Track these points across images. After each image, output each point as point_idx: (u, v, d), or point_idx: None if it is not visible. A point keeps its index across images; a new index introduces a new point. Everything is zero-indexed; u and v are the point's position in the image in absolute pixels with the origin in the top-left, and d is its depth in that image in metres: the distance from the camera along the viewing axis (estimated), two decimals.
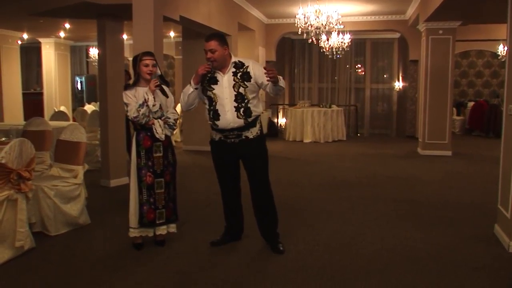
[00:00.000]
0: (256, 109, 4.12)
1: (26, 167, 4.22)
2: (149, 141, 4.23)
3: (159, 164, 4.27)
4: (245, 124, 4.08)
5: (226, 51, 4.08)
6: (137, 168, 4.25)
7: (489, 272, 3.88)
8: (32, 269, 3.92)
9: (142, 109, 4.13)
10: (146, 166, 4.23)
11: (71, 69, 15.72)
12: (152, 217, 4.26)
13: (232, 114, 4.05)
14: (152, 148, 4.25)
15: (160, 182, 4.29)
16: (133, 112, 4.14)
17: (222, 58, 4.06)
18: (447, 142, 10.25)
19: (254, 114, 4.11)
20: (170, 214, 4.38)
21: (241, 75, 4.07)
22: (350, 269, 3.91)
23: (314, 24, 9.12)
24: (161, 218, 4.31)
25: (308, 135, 12.70)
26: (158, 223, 4.31)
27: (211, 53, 4.02)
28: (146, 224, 4.28)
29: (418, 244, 4.52)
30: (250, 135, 4.13)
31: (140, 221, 4.26)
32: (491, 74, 16.22)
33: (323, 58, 15.53)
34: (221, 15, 9.42)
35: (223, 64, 4.09)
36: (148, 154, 4.24)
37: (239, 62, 4.12)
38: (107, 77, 7.03)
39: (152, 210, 4.26)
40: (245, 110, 4.05)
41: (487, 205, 5.75)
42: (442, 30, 9.97)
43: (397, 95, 15.93)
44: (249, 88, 4.07)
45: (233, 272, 3.87)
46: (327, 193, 6.67)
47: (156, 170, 4.27)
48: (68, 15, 8.68)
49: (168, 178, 4.34)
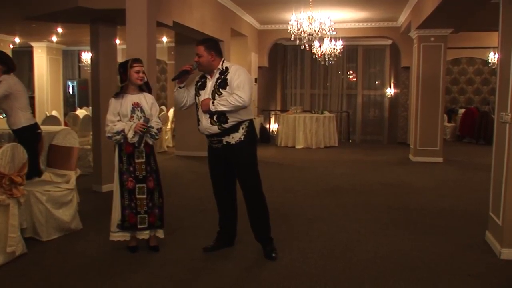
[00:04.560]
0: (235, 115, 4.07)
1: (18, 172, 4.19)
2: (130, 147, 4.26)
3: (141, 170, 4.30)
4: (221, 130, 4.08)
5: (211, 57, 4.13)
6: (119, 172, 4.29)
7: (482, 279, 3.90)
8: (24, 275, 3.88)
9: (117, 136, 4.21)
10: (128, 171, 4.27)
11: (63, 74, 15.66)
12: (133, 221, 4.29)
13: (206, 120, 4.10)
14: (134, 153, 4.28)
15: (142, 188, 4.30)
16: (108, 132, 4.25)
17: (207, 63, 4.15)
18: (439, 148, 10.29)
19: (232, 120, 4.08)
20: (154, 220, 4.36)
21: (220, 81, 4.10)
22: (344, 277, 3.91)
23: (307, 31, 9.15)
24: (143, 223, 4.32)
25: (300, 141, 12.71)
26: (140, 228, 4.31)
27: (198, 57, 4.14)
28: (128, 228, 4.30)
29: (411, 251, 4.53)
30: (232, 140, 4.13)
31: (121, 224, 4.28)
32: (482, 81, 16.36)
33: (315, 64, 15.61)
34: (214, 20, 9.43)
35: (208, 69, 4.17)
36: (129, 160, 4.27)
37: (224, 68, 4.15)
38: (100, 81, 7.01)
39: (133, 215, 4.28)
40: (219, 117, 4.06)
41: (479, 212, 5.77)
42: (433, 37, 10.04)
43: (389, 101, 16.02)
44: (223, 95, 4.05)
45: (226, 279, 3.86)
46: (320, 200, 6.68)
47: (138, 176, 4.29)
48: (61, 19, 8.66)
49: (151, 185, 4.34)
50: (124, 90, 4.32)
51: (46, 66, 14.41)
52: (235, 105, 3.98)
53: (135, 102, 4.30)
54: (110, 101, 4.33)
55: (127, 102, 4.28)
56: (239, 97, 3.97)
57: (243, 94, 3.98)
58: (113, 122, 4.25)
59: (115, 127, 4.21)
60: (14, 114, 5.48)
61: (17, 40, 12.83)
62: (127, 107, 4.27)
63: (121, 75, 4.33)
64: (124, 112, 4.26)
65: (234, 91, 4.01)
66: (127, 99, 4.29)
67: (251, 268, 4.11)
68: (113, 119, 4.26)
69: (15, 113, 5.47)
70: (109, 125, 4.25)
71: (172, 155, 10.88)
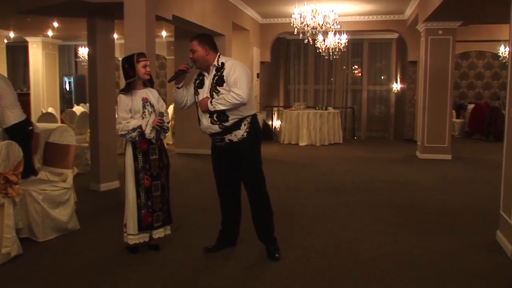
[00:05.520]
0: (236, 112, 4.05)
1: (13, 171, 4.21)
2: (145, 144, 4.28)
3: (155, 167, 4.34)
4: (222, 129, 4.07)
5: (206, 52, 4.11)
6: (134, 171, 4.27)
7: (490, 280, 3.90)
8: (20, 277, 3.90)
9: (133, 133, 4.21)
10: (144, 169, 4.28)
11: (59, 69, 15.65)
12: (149, 221, 4.31)
13: (206, 120, 4.09)
14: (149, 150, 4.30)
15: (157, 185, 4.35)
16: (121, 130, 4.23)
17: (202, 59, 4.12)
18: (447, 145, 10.29)
19: (233, 118, 4.06)
20: (165, 216, 4.44)
21: (217, 78, 4.08)
22: (348, 276, 3.92)
23: (311, 24, 9.14)
24: (158, 221, 4.37)
25: (304, 138, 12.72)
26: (155, 226, 4.35)
27: (192, 53, 4.12)
28: (144, 228, 4.31)
29: (417, 250, 4.54)
30: (234, 138, 4.13)
31: (138, 226, 4.29)
32: (492, 76, 16.33)
33: (319, 59, 15.58)
34: (214, 14, 9.43)
35: (204, 65, 4.15)
36: (145, 157, 4.28)
37: (220, 64, 4.12)
38: (98, 77, 7.00)
39: (150, 214, 4.30)
40: (219, 116, 4.04)
41: (489, 211, 5.77)
42: (441, 31, 10.03)
43: (395, 97, 15.99)
44: (221, 93, 4.02)
45: (227, 279, 3.88)
46: (324, 198, 6.69)
47: (153, 173, 4.32)
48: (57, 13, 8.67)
49: (163, 181, 4.41)
50: (132, 86, 4.33)
51: (42, 61, 14.41)
52: (233, 103, 3.96)
53: (144, 97, 4.34)
54: (119, 98, 4.31)
55: (137, 98, 4.30)
56: (236, 94, 3.93)
57: (241, 91, 3.94)
58: (126, 119, 4.24)
59: (130, 124, 4.20)
60: (1, 113, 5.46)
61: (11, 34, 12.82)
62: (138, 103, 4.29)
63: (127, 70, 4.32)
64: (136, 108, 4.28)
65: (231, 88, 3.98)
66: (136, 95, 4.32)
67: (253, 268, 4.13)
68: (126, 116, 4.26)
69: (2, 112, 5.46)
70: (122, 122, 4.23)
71: (172, 152, 10.90)
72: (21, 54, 16.74)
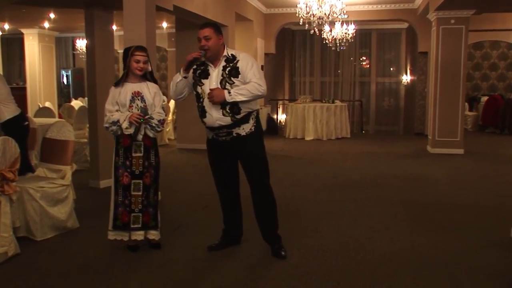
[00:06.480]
0: (247, 105, 4.08)
1: (10, 168, 4.22)
2: (128, 140, 4.24)
3: (138, 165, 4.27)
4: (233, 121, 4.06)
5: (221, 41, 4.12)
6: (114, 167, 4.28)
7: (505, 279, 3.89)
8: (17, 277, 3.91)
9: (113, 126, 4.21)
10: (124, 165, 4.26)
11: (56, 62, 15.68)
12: (126, 220, 4.26)
13: (217, 112, 4.05)
14: (131, 147, 4.26)
15: (138, 184, 4.28)
16: (105, 123, 4.25)
17: (216, 48, 4.09)
18: (459, 139, 10.26)
19: (245, 111, 4.08)
20: (148, 220, 4.33)
21: (229, 70, 4.07)
22: (357, 275, 3.92)
23: (317, 14, 9.11)
24: (137, 222, 4.29)
25: (310, 132, 12.71)
26: (133, 227, 4.28)
27: (205, 40, 4.06)
28: (120, 227, 4.28)
29: (428, 249, 4.54)
30: (242, 132, 4.13)
31: (113, 223, 4.28)
32: (506, 67, 16.25)
33: (325, 50, 15.57)
34: (217, 4, 9.41)
35: (216, 54, 4.11)
36: (126, 153, 4.26)
37: (231, 56, 4.12)
38: (96, 70, 7.01)
39: (127, 213, 4.26)
40: (232, 107, 4.03)
41: (503, 208, 5.77)
42: (454, 20, 9.97)
43: (405, 89, 15.97)
44: (236, 84, 4.03)
45: (230, 278, 3.88)
46: (331, 194, 6.69)
47: (134, 171, 4.27)
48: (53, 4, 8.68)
49: (148, 181, 4.31)
50: (124, 78, 4.31)
51: (38, 54, 14.41)
52: (255, 95, 3.99)
53: (135, 91, 4.28)
54: (110, 89, 4.33)
55: (126, 91, 4.26)
56: (259, 85, 3.99)
57: (262, 83, 4.02)
58: (111, 111, 4.25)
59: (112, 117, 4.20)
60: None
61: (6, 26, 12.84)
62: (126, 96, 4.25)
63: (124, 61, 4.32)
64: (122, 101, 4.24)
65: (251, 80, 4.01)
66: (127, 87, 4.28)
67: (257, 267, 4.13)
68: (111, 109, 4.26)
69: None
70: (107, 114, 4.24)
71: (174, 148, 10.93)
72: (17, 47, 16.77)
